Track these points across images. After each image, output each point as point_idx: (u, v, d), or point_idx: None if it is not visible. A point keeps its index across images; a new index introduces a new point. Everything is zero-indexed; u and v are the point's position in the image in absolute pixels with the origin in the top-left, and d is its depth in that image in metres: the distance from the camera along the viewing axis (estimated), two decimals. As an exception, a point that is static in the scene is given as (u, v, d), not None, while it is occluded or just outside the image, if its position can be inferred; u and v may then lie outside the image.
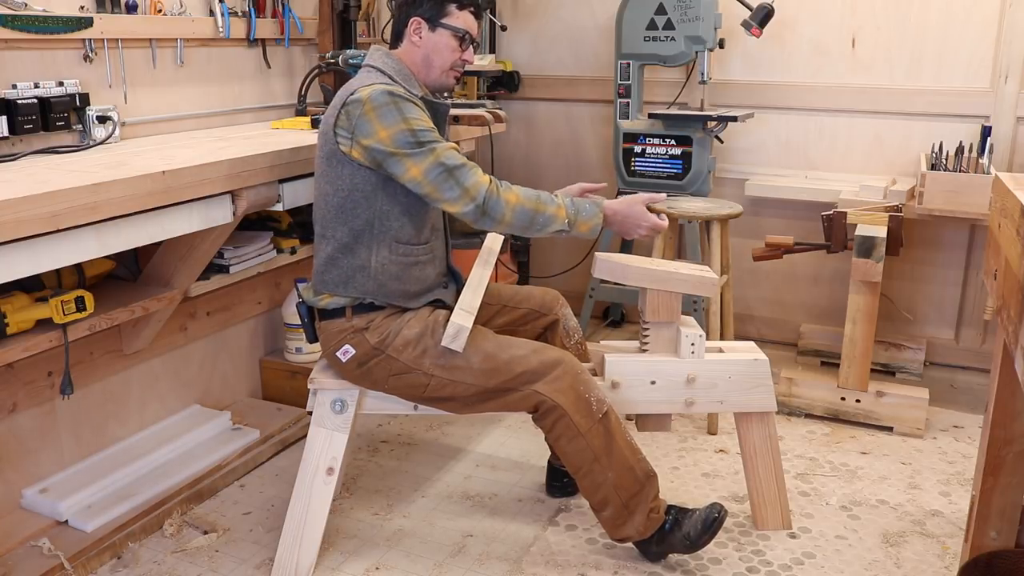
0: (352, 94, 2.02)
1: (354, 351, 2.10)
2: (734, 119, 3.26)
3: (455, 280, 2.28)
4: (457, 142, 3.03)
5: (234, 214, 2.25)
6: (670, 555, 2.23)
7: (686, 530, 2.17)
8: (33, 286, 2.14)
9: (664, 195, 2.37)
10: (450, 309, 2.14)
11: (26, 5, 2.27)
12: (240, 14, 2.96)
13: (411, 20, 2.14)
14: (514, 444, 2.90)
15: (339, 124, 2.03)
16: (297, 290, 2.23)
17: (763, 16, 3.19)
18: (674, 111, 3.45)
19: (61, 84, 2.38)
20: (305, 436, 2.22)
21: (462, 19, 2.15)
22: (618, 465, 2.11)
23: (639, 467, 2.13)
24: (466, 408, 2.14)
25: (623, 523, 2.16)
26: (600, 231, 2.12)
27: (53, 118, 2.33)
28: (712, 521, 2.16)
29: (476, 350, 2.07)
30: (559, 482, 2.56)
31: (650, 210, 2.20)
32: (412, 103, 2.02)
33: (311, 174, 2.44)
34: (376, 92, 1.99)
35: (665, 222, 2.20)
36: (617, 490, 2.12)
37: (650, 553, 2.23)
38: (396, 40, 2.18)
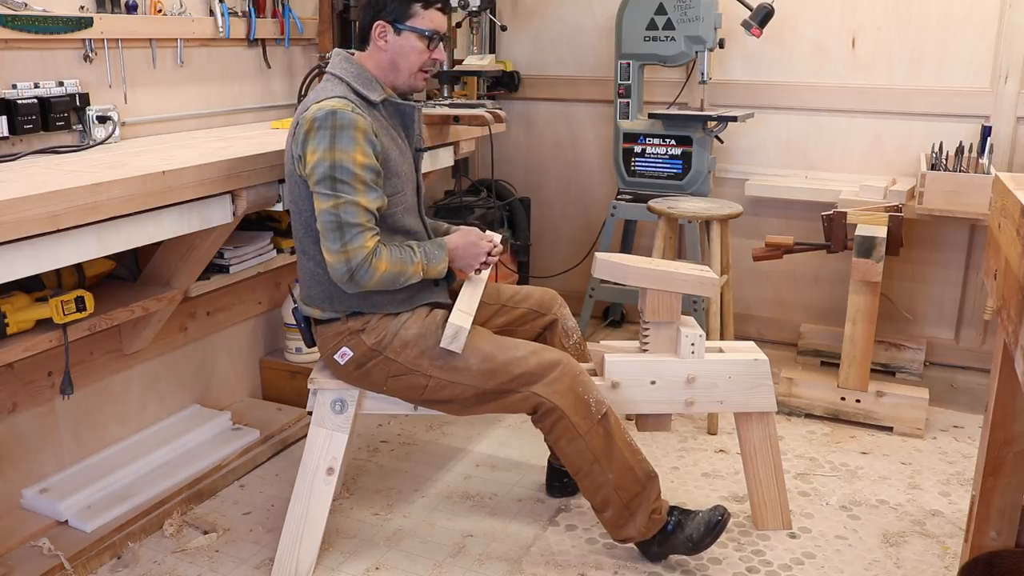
0: (304, 112, 1.99)
1: (352, 353, 2.10)
2: (734, 119, 3.26)
3: (447, 278, 2.26)
4: (460, 142, 3.04)
5: (234, 214, 2.25)
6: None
7: (688, 532, 2.17)
8: (33, 286, 2.14)
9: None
10: (447, 308, 2.13)
11: (26, 5, 2.27)
12: (240, 14, 2.95)
13: (375, 24, 2.08)
14: (514, 444, 2.90)
15: (293, 143, 2.02)
16: (292, 295, 2.23)
17: (763, 16, 3.19)
18: (674, 111, 3.45)
19: (61, 84, 2.37)
20: (305, 436, 2.22)
21: (428, 19, 2.09)
22: (618, 466, 2.11)
23: (639, 468, 2.13)
24: (465, 409, 2.14)
25: (624, 524, 2.16)
26: (444, 272, 2.13)
27: (53, 118, 2.32)
28: (715, 524, 2.16)
29: (475, 351, 2.07)
30: (559, 482, 2.56)
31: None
32: (354, 129, 1.95)
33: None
34: (321, 112, 1.95)
35: (498, 239, 2.22)
36: (618, 491, 2.12)
37: (651, 553, 2.22)
38: (363, 43, 2.14)
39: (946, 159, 3.04)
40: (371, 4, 2.10)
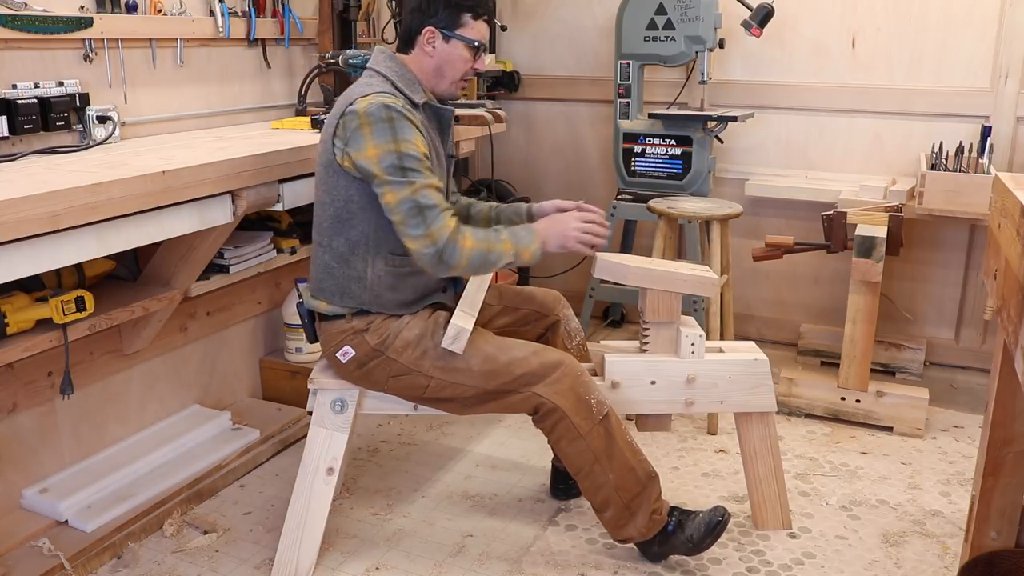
0: (351, 104, 1.98)
1: (354, 352, 2.10)
2: (734, 119, 3.26)
3: (455, 284, 2.27)
4: (460, 142, 3.04)
5: (234, 214, 2.25)
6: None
7: (689, 533, 2.17)
8: (33, 286, 2.14)
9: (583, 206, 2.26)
10: (450, 311, 2.13)
11: (26, 5, 2.27)
12: (240, 14, 2.96)
13: (425, 29, 2.09)
14: (514, 444, 2.90)
15: (336, 134, 2.01)
16: (298, 290, 2.23)
17: (763, 16, 3.19)
18: (674, 111, 3.45)
19: (61, 84, 2.38)
20: (305, 436, 2.22)
21: (476, 29, 2.12)
22: (619, 466, 2.11)
23: (640, 468, 2.13)
24: (466, 409, 2.14)
25: (625, 524, 2.16)
26: (540, 253, 2.06)
27: (53, 118, 2.33)
28: (716, 524, 2.16)
29: (476, 352, 2.07)
30: (563, 484, 2.55)
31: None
32: (408, 120, 1.97)
33: (311, 174, 2.44)
34: (374, 106, 1.95)
35: (595, 215, 2.12)
36: (618, 491, 2.12)
37: (651, 554, 2.23)
38: (406, 46, 2.14)
39: (946, 159, 3.04)
40: (421, 9, 2.10)
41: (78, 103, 2.42)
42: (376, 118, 1.94)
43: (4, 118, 2.21)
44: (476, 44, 2.12)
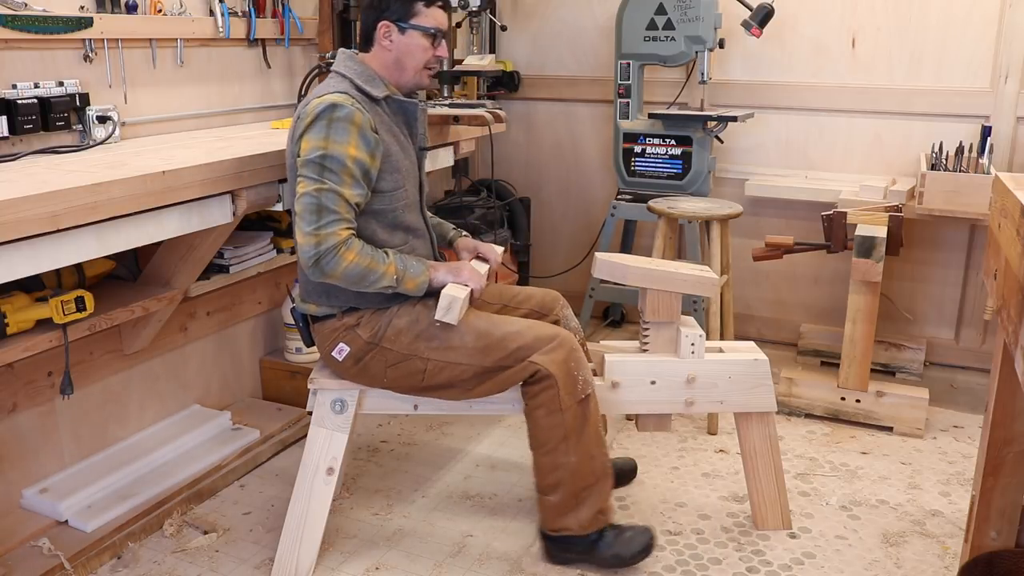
0: (305, 106, 2.01)
1: (348, 348, 2.10)
2: (734, 119, 3.26)
3: None
4: (460, 142, 3.04)
5: (234, 214, 2.25)
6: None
7: (616, 550, 2.16)
8: (33, 286, 2.14)
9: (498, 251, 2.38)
10: (436, 296, 2.13)
11: (26, 5, 2.27)
12: (240, 14, 2.95)
13: (379, 24, 2.11)
14: (514, 444, 2.90)
15: (293, 137, 2.04)
16: (290, 295, 2.23)
17: (763, 16, 3.19)
18: (674, 111, 3.45)
19: (61, 84, 2.37)
20: (305, 436, 2.22)
21: (431, 17, 2.12)
22: (583, 451, 2.10)
23: (600, 459, 2.13)
24: (466, 392, 2.12)
25: (567, 512, 2.14)
26: (426, 286, 2.07)
27: (53, 118, 2.32)
28: (647, 547, 2.18)
29: (470, 329, 2.08)
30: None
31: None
32: (351, 123, 1.97)
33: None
34: (321, 106, 1.97)
35: (484, 269, 2.19)
36: (574, 476, 2.11)
37: (560, 556, 2.20)
38: (366, 44, 2.16)
39: (946, 159, 3.04)
40: (374, 5, 2.12)
41: (78, 103, 2.41)
42: (317, 116, 1.97)
43: (4, 118, 2.21)
44: (433, 31, 2.12)
